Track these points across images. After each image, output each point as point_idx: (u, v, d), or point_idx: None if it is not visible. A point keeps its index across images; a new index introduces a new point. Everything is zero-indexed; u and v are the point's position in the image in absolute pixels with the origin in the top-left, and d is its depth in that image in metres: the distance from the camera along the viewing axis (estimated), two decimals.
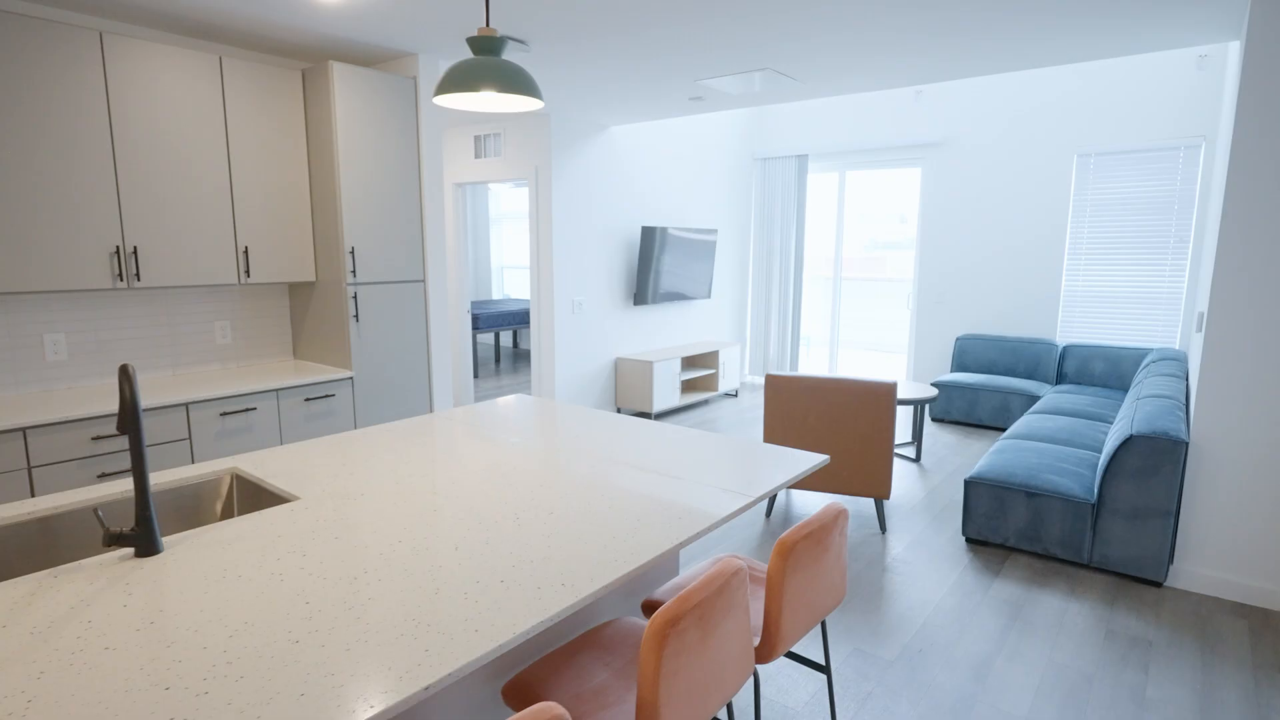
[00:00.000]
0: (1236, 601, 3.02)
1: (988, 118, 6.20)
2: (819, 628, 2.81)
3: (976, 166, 6.31)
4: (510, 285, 10.73)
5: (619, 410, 6.24)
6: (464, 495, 1.80)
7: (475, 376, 8.15)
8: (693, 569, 2.05)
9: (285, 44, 3.43)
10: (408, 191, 3.70)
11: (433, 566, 1.40)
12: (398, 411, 3.76)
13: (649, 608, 1.82)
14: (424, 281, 3.82)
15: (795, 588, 1.64)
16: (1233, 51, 4.16)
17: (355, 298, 3.51)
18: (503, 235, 10.64)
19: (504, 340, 10.78)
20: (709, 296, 7.03)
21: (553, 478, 1.93)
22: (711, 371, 6.78)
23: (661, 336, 6.68)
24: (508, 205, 10.50)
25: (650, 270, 6.13)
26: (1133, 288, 5.72)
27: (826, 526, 1.70)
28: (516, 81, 1.78)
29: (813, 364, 7.82)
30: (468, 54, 3.67)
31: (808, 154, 7.18)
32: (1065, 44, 3.48)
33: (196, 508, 1.98)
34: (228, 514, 2.03)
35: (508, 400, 2.90)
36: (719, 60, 3.76)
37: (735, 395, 7.19)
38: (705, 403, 6.88)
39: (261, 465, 2.03)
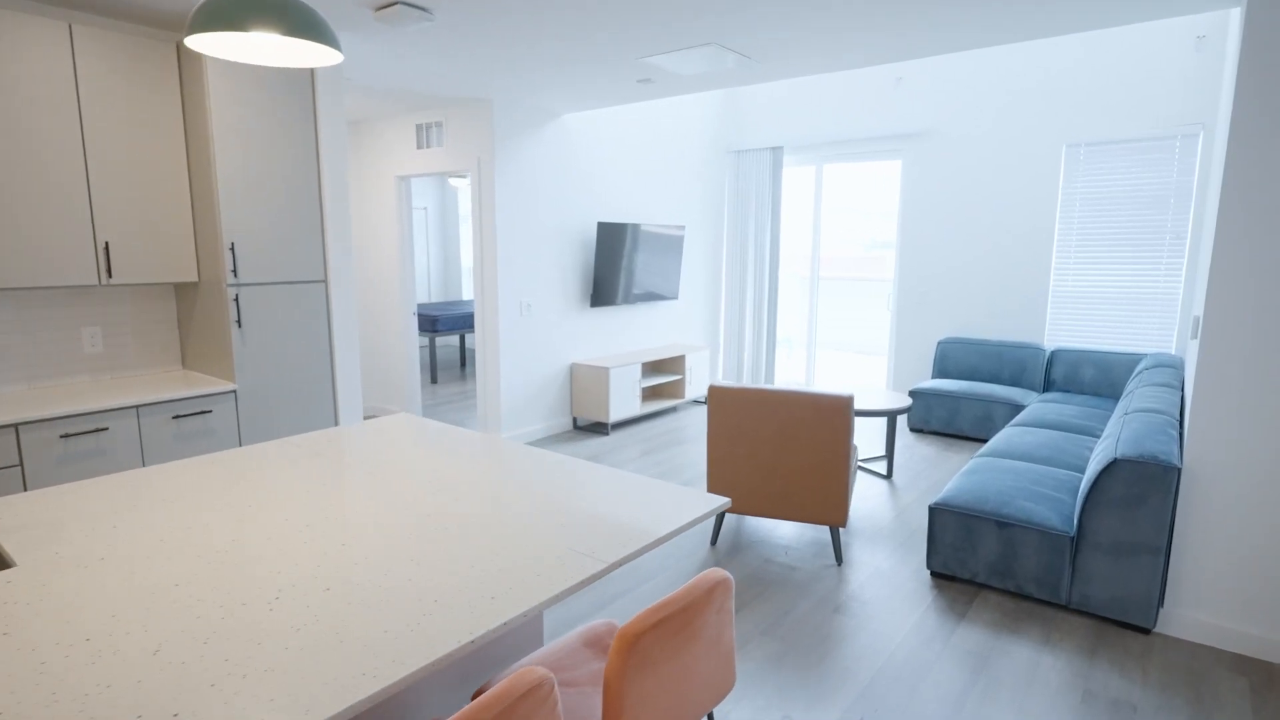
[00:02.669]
0: (1236, 653, 2.61)
1: (971, 105, 5.79)
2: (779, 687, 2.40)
3: (960, 158, 5.90)
4: None
5: (575, 421, 5.83)
6: (235, 560, 1.39)
7: (434, 381, 7.74)
8: (561, 639, 1.64)
9: (154, 11, 3.01)
10: (304, 182, 3.28)
11: (97, 686, 0.99)
12: (293, 427, 3.35)
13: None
14: (325, 282, 3.41)
15: (647, 693, 1.23)
16: (1233, 22, 3.74)
17: (237, 300, 3.10)
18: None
19: (470, 342, 10.37)
20: (677, 297, 6.62)
21: (361, 533, 1.52)
22: (678, 377, 6.36)
23: (623, 340, 6.26)
24: None
25: (609, 270, 5.71)
26: (1125, 288, 5.31)
27: (694, 607, 1.29)
28: (302, 23, 1.37)
29: (792, 368, 7.41)
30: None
31: (782, 146, 6.76)
32: (1053, 14, 3.06)
33: None
34: None
35: (382, 422, 2.50)
36: (659, 34, 3.34)
37: (705, 403, 6.77)
38: (673, 410, 6.47)
39: (6, 513, 1.62)
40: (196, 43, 1.41)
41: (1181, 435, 3.06)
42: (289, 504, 1.68)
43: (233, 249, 3.06)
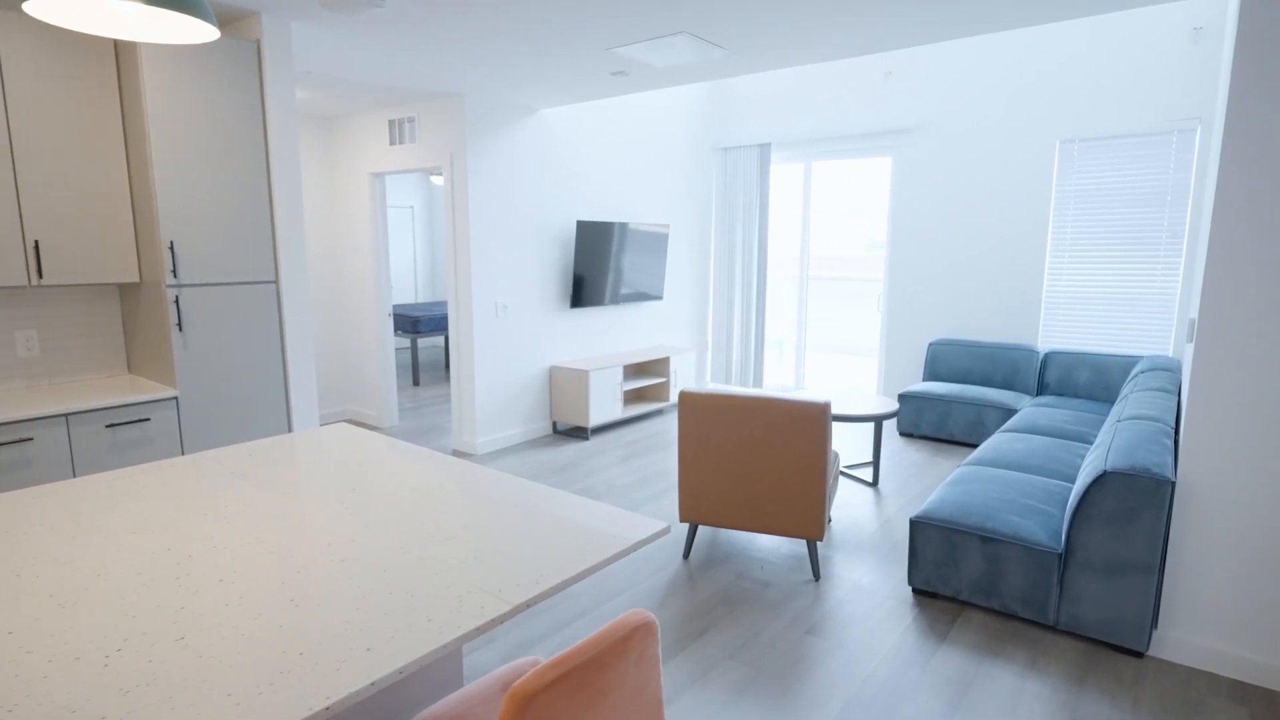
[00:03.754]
0: (1234, 679, 2.44)
1: (962, 100, 5.61)
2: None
3: (951, 155, 5.72)
4: None
5: (555, 425, 5.66)
6: (89, 600, 1.22)
7: (416, 384, 7.57)
8: (479, 681, 1.47)
9: None
10: (251, 178, 3.12)
11: None
12: (241, 434, 3.18)
13: None
14: (276, 283, 3.25)
15: None
16: (1230, 12, 3.57)
17: (178, 302, 2.93)
18: None
19: None
20: (661, 298, 6.44)
21: (246, 566, 1.35)
22: (662, 380, 6.19)
23: (605, 342, 6.09)
24: None
25: (590, 269, 5.54)
26: (1121, 288, 5.13)
27: (605, 658, 1.12)
28: None
29: (781, 370, 7.25)
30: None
31: (770, 143, 6.59)
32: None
33: None
34: None
35: (317, 434, 2.33)
36: (626, 23, 3.17)
37: None
38: (657, 414, 6.29)
39: None
40: (37, 8, 1.24)
41: (1177, 444, 2.89)
42: (177, 529, 1.52)
43: (172, 248, 2.89)
